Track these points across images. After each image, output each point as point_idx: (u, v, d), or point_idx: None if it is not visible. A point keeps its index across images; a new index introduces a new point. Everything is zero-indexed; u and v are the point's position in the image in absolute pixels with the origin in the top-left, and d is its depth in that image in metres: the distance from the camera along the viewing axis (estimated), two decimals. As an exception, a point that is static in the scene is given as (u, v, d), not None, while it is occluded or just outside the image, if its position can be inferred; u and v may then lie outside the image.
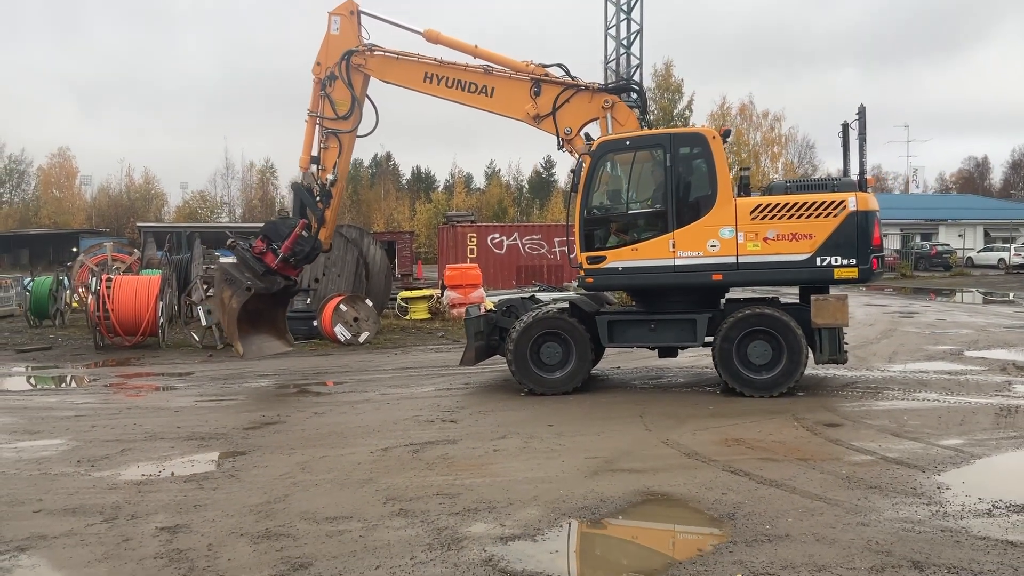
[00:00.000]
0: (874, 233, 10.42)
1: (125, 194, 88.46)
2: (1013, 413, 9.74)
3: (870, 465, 7.64)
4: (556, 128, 11.98)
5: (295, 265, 13.57)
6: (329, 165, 13.44)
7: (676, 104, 76.05)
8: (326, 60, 13.21)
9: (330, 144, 13.42)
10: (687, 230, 10.82)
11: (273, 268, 13.20)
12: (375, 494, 7.01)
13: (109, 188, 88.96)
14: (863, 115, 10.78)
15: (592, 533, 6.20)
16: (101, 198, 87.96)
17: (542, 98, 12.05)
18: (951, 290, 35.44)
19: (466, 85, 12.47)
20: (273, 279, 13.22)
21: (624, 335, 11.52)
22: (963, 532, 5.85)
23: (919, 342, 16.80)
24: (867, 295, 31.70)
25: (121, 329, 17.88)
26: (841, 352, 10.85)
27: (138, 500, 7.02)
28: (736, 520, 6.21)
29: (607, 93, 11.88)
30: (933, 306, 26.54)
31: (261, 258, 13.19)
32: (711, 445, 8.53)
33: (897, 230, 56.93)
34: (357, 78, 13.18)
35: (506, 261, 32.64)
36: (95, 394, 12.89)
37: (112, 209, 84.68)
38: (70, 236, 69.18)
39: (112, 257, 24.88)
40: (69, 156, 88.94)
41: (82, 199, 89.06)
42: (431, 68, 12.72)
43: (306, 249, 13.36)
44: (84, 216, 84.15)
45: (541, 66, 12.27)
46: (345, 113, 13.19)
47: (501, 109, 12.42)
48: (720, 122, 78.61)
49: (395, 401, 11.56)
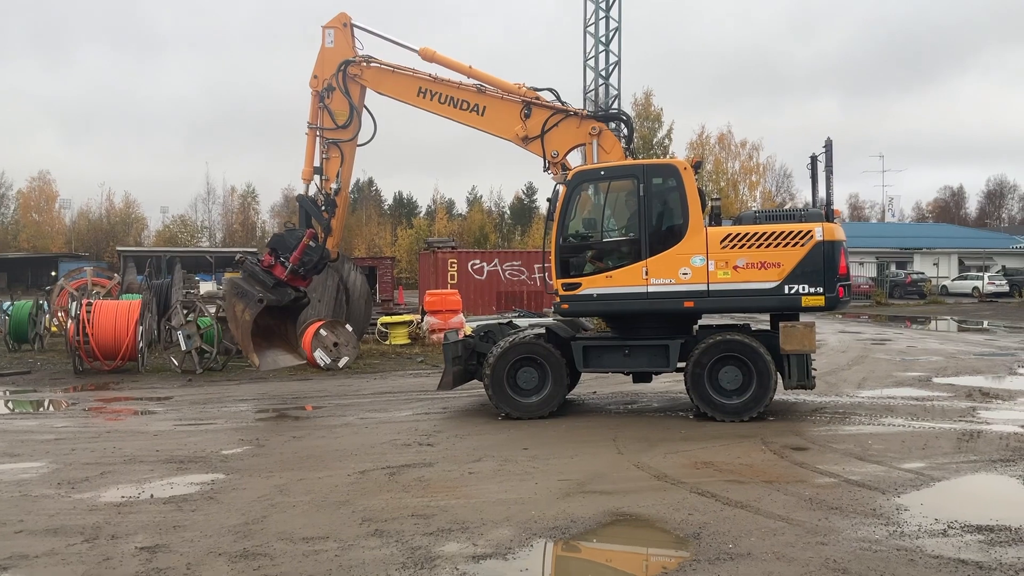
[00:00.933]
0: (840, 262, 10.74)
1: (105, 218, 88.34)
2: (974, 438, 10.02)
3: (833, 487, 7.88)
4: (543, 150, 12.31)
5: (304, 276, 13.77)
6: (332, 175, 13.76)
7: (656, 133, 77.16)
8: (322, 72, 13.55)
9: (332, 154, 13.74)
10: (660, 258, 11.11)
11: (283, 280, 13.40)
12: (351, 515, 7.17)
13: (89, 212, 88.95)
14: (830, 148, 11.12)
15: (561, 552, 6.39)
16: (81, 222, 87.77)
17: (532, 120, 12.38)
18: (925, 318, 35.94)
19: (459, 102, 12.79)
20: (283, 291, 13.44)
21: (599, 360, 11.76)
22: (918, 551, 6.09)
23: (889, 369, 17.13)
24: (842, 322, 32.13)
25: (100, 353, 17.93)
26: (809, 378, 11.12)
27: (118, 521, 7.15)
28: (701, 539, 6.42)
29: (595, 120, 12.25)
30: (906, 333, 26.98)
31: (270, 271, 13.39)
32: (681, 468, 8.75)
33: (873, 258, 57.64)
34: (354, 88, 13.52)
35: (486, 287, 32.87)
36: (74, 418, 12.96)
37: (92, 233, 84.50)
38: (49, 260, 68.95)
39: (92, 281, 24.90)
40: (49, 180, 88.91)
41: (61, 223, 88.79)
42: (425, 83, 13.04)
43: (314, 259, 13.58)
44: (63, 240, 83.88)
45: (533, 89, 12.62)
46: (344, 122, 13.51)
47: (491, 128, 12.74)
48: (699, 151, 79.61)
49: (373, 425, 11.72)
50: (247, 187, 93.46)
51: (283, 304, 13.50)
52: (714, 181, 79.68)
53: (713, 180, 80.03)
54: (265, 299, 13.03)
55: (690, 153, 79.71)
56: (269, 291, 13.18)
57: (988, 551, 6.07)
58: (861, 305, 44.68)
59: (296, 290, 13.75)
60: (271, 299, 13.14)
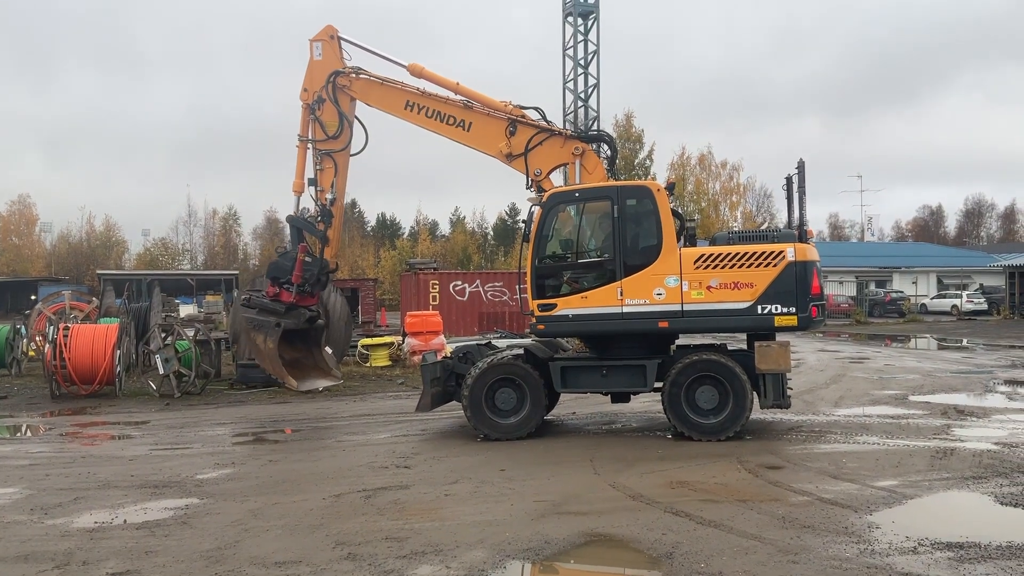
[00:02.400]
0: (813, 282, 10.85)
1: (85, 241, 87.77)
2: (948, 455, 10.11)
3: (806, 506, 7.93)
4: (527, 168, 12.39)
5: (311, 292, 13.85)
6: (327, 185, 13.83)
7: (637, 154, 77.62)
8: (312, 85, 13.64)
9: (325, 165, 13.80)
10: (634, 279, 11.19)
11: (293, 303, 13.45)
12: (325, 539, 7.16)
13: (69, 235, 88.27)
14: (802, 169, 11.25)
15: (534, 573, 6.40)
16: (61, 246, 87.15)
17: (516, 138, 12.47)
18: (904, 336, 36.20)
19: (445, 117, 12.88)
20: (297, 313, 13.57)
21: (577, 380, 11.81)
22: (887, 568, 6.15)
23: (866, 387, 17.25)
24: (821, 341, 32.33)
25: (77, 378, 17.79)
26: (785, 397, 11.19)
27: (90, 547, 7.10)
28: (673, 559, 6.45)
29: (579, 141, 12.34)
30: (884, 352, 27.18)
31: (278, 298, 13.47)
32: (656, 488, 8.78)
33: (852, 277, 58.04)
34: (343, 98, 13.64)
35: (468, 308, 32.88)
36: (50, 443, 12.86)
37: (72, 257, 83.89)
38: (28, 284, 68.43)
39: (70, 305, 24.76)
40: (29, 203, 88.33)
41: (41, 247, 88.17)
42: (413, 97, 13.13)
43: (315, 271, 13.66)
44: (43, 264, 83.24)
45: (519, 107, 12.72)
46: (335, 132, 13.60)
47: (476, 144, 12.83)
48: (680, 171, 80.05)
49: (351, 448, 11.69)
50: (229, 209, 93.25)
51: (300, 327, 13.61)
52: (695, 202, 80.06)
53: (694, 201, 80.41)
54: (282, 323, 13.15)
55: (671, 173, 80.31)
56: (283, 316, 13.30)
57: (957, 568, 6.14)
58: (840, 324, 45.00)
59: (309, 309, 13.86)
60: (288, 323, 13.30)
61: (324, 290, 14.52)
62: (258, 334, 13.18)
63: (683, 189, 78.48)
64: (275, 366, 13.19)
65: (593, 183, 11.94)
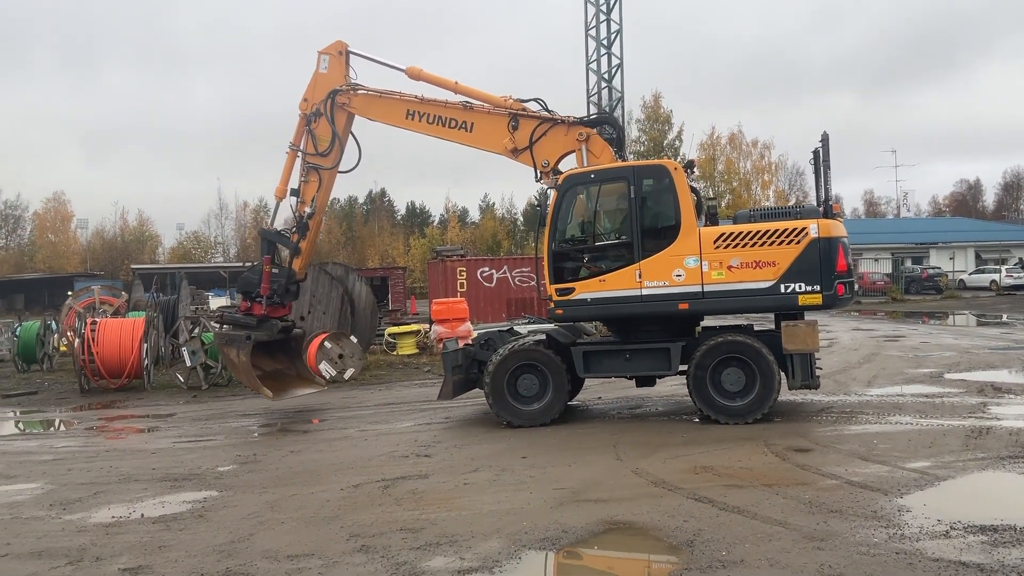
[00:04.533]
0: (838, 259, 10.52)
1: (119, 237, 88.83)
2: (983, 435, 9.78)
3: (834, 489, 7.69)
4: (534, 161, 12.14)
5: (281, 302, 13.76)
6: (308, 199, 13.69)
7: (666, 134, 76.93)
8: (313, 97, 13.49)
9: (310, 178, 13.66)
10: (653, 260, 10.94)
11: (264, 315, 13.44)
12: (339, 531, 7.05)
13: (104, 231, 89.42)
14: (827, 143, 10.92)
15: (548, 564, 6.23)
16: (96, 241, 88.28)
17: (519, 132, 12.23)
18: (942, 313, 35.50)
19: (447, 121, 12.67)
20: (270, 324, 13.51)
21: (600, 365, 11.61)
22: (917, 554, 5.90)
23: (900, 365, 16.86)
24: (856, 320, 31.81)
25: (106, 372, 17.91)
26: (813, 377, 10.91)
27: (105, 542, 7.06)
28: (694, 547, 6.26)
29: (582, 126, 12.04)
30: (921, 329, 26.62)
31: (250, 312, 13.50)
32: (680, 473, 8.57)
33: (888, 254, 57.08)
34: (341, 116, 13.44)
35: (496, 294, 32.72)
36: (76, 437, 12.92)
37: (106, 252, 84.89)
38: (65, 280, 69.29)
39: (100, 300, 24.95)
40: (64, 200, 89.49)
41: (77, 243, 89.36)
42: (412, 105, 12.94)
43: (282, 281, 13.57)
44: (79, 260, 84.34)
45: (519, 101, 12.47)
46: (325, 150, 13.43)
47: (480, 144, 12.62)
48: (710, 151, 79.22)
49: (373, 437, 11.60)
50: (259, 202, 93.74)
51: (274, 338, 13.59)
52: (726, 181, 79.23)
53: (725, 180, 79.56)
54: (253, 336, 13.17)
55: (701, 154, 79.53)
56: (255, 329, 13.32)
57: (991, 552, 5.88)
58: (876, 302, 44.25)
59: (283, 319, 13.82)
60: (259, 335, 13.30)
61: (295, 300, 14.48)
62: (231, 348, 13.27)
63: (714, 169, 77.72)
64: (249, 379, 13.23)
65: (609, 164, 11.67)
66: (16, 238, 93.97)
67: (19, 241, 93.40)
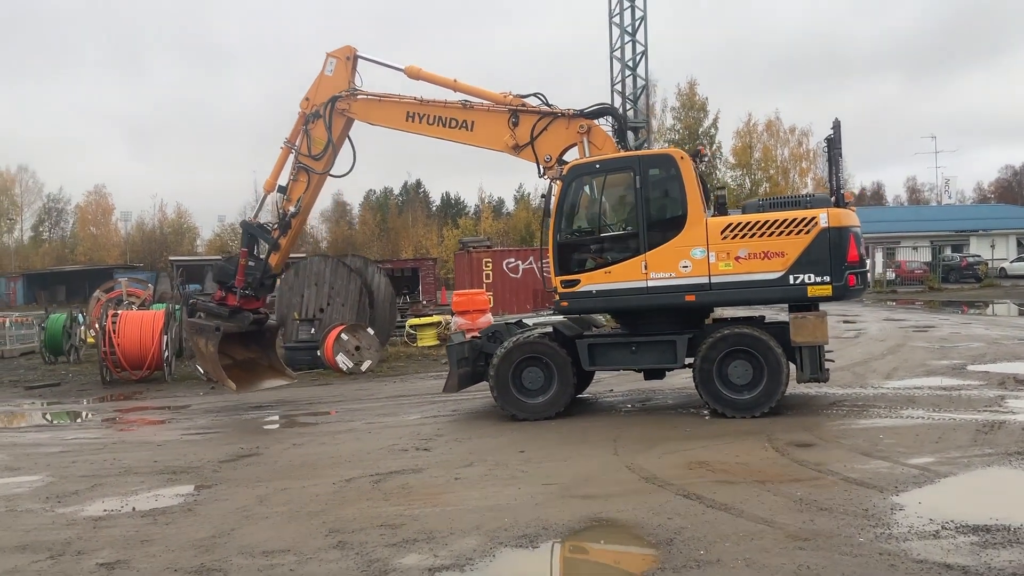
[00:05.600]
0: (849, 249, 10.23)
1: (159, 229, 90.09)
2: (995, 429, 9.50)
3: (828, 486, 7.50)
4: (536, 157, 11.99)
5: (256, 295, 13.84)
6: (294, 198, 13.72)
7: (701, 122, 76.14)
8: (315, 98, 13.48)
9: (300, 178, 13.66)
10: (659, 251, 10.75)
11: (237, 307, 13.51)
12: (320, 526, 7.01)
13: (144, 224, 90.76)
14: (838, 130, 10.65)
15: (521, 561, 6.12)
16: (135, 234, 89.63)
17: (520, 128, 12.08)
18: (980, 302, 34.74)
19: (447, 121, 12.56)
20: (242, 316, 13.60)
21: (605, 358, 11.45)
22: (902, 555, 5.72)
23: (924, 357, 16.49)
24: (888, 310, 31.30)
25: (127, 363, 18.14)
26: (822, 370, 10.65)
27: (90, 536, 7.09)
28: (673, 545, 6.13)
29: (583, 118, 11.86)
30: (952, 319, 26.05)
31: (224, 302, 13.57)
32: (674, 469, 8.42)
33: (927, 242, 56.01)
34: (339, 122, 13.40)
35: (522, 285, 32.61)
36: (87, 429, 13.08)
37: (145, 244, 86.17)
38: (105, 272, 70.45)
39: (127, 292, 25.27)
40: (105, 193, 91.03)
41: (118, 235, 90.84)
42: (412, 107, 12.85)
43: (257, 274, 13.64)
44: (119, 252, 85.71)
45: (519, 97, 12.32)
46: (318, 153, 13.41)
47: (482, 142, 12.50)
48: (746, 139, 78.25)
49: (377, 430, 11.58)
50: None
51: (245, 329, 13.67)
52: (763, 169, 78.23)
53: (762, 168, 78.56)
54: (221, 327, 13.26)
55: (736, 142, 78.67)
56: (227, 320, 13.41)
57: (979, 554, 5.68)
58: (914, 291, 43.51)
59: (256, 312, 13.89)
60: (229, 326, 13.42)
61: (269, 293, 14.51)
62: (200, 338, 13.38)
63: (750, 157, 76.79)
64: (215, 370, 13.30)
65: (614, 154, 11.49)
66: (59, 231, 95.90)
67: (62, 234, 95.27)
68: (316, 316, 20.46)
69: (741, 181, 76.61)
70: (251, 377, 13.90)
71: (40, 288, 70.83)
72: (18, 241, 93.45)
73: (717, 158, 77.36)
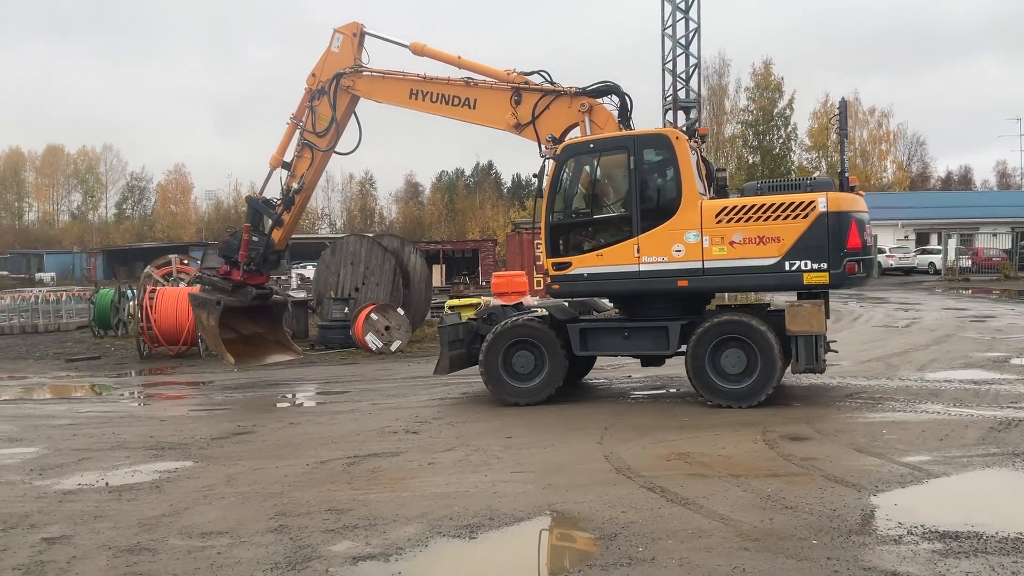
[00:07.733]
0: (850, 235, 9.67)
1: (234, 207, 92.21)
2: (1010, 427, 8.90)
3: (805, 483, 7.10)
4: (537, 136, 11.68)
5: (259, 270, 13.91)
6: (298, 174, 13.73)
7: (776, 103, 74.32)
8: (320, 74, 13.40)
9: (304, 154, 13.63)
10: (651, 235, 10.35)
11: (240, 281, 13.60)
12: (269, 509, 6.92)
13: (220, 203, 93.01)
14: (844, 110, 10.10)
15: (451, 552, 5.92)
16: (211, 212, 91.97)
17: (522, 107, 11.81)
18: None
19: (450, 99, 12.37)
20: (245, 291, 13.70)
21: (597, 343, 11.12)
22: (851, 562, 5.34)
23: (969, 348, 15.68)
24: (954, 298, 30.04)
25: (163, 339, 18.48)
26: (819, 361, 10.12)
27: (51, 510, 7.13)
28: (615, 541, 5.85)
29: (585, 96, 11.50)
30: (1017, 309, 24.81)
31: (228, 276, 13.67)
32: (651, 460, 8.12)
33: (1007, 229, 53.57)
34: (343, 99, 13.32)
35: (572, 267, 32.26)
36: (103, 403, 13.34)
37: (220, 222, 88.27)
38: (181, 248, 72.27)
39: (177, 268, 25.78)
40: (184, 172, 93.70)
41: (196, 213, 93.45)
42: (416, 84, 12.69)
43: (260, 250, 13.71)
44: (195, 229, 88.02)
45: (522, 74, 12.03)
46: (322, 130, 13.35)
47: (484, 120, 12.27)
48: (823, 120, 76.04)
49: (378, 411, 11.49)
50: (365, 174, 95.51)
51: (246, 304, 13.75)
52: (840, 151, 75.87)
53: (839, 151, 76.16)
54: (223, 301, 13.37)
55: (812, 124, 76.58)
56: (229, 294, 13.50)
57: (936, 563, 5.27)
58: (989, 279, 41.71)
59: (260, 287, 13.94)
60: (232, 301, 13.52)
61: (274, 268, 14.51)
62: (202, 311, 13.51)
63: (827, 139, 74.62)
64: (216, 343, 13.42)
65: (608, 133, 11.11)
66: (141, 208, 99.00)
67: (143, 211, 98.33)
68: (351, 295, 20.52)
69: (817, 164, 74.66)
70: (255, 352, 14.03)
71: (119, 264, 73.10)
72: (102, 218, 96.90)
73: (792, 140, 75.59)
